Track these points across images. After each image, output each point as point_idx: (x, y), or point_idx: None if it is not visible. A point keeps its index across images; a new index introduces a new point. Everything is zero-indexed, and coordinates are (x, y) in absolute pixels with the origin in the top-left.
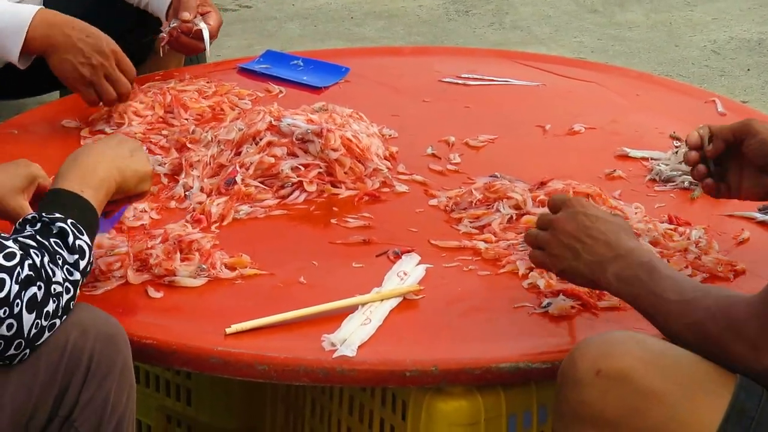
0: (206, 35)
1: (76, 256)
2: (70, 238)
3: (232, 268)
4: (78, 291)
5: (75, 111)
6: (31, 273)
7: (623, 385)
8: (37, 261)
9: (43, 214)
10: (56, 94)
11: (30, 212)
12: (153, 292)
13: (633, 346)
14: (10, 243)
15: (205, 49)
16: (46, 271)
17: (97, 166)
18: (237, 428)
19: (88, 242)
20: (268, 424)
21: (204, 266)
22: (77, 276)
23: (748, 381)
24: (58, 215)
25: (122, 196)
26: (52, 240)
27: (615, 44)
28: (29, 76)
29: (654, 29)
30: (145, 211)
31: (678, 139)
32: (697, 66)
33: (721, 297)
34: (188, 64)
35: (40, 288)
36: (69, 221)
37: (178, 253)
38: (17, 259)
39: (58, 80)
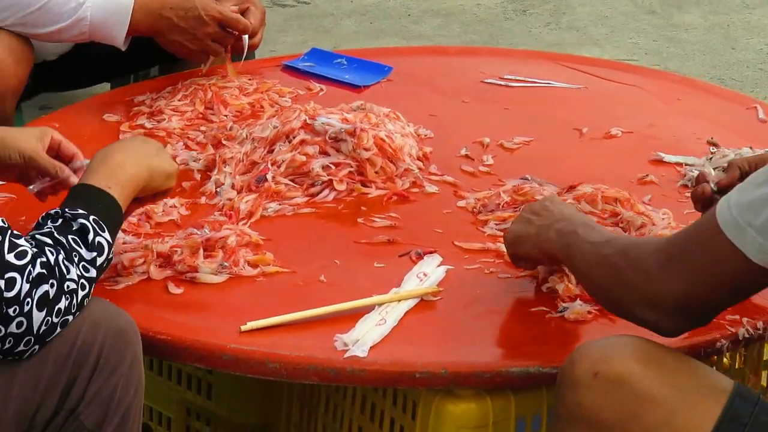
0: (246, 42)
1: (94, 254)
2: (90, 235)
3: (254, 265)
4: (92, 287)
5: (116, 106)
6: (43, 271)
7: (620, 389)
8: (51, 259)
9: (66, 209)
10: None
11: (41, 153)
12: (173, 288)
13: (632, 351)
14: (21, 241)
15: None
16: (59, 268)
17: (125, 163)
18: (254, 423)
19: (109, 239)
20: (283, 420)
21: (226, 263)
22: (93, 273)
23: (744, 388)
24: (80, 211)
25: (148, 194)
26: (70, 237)
27: (670, 46)
28: (82, 68)
29: (711, 31)
30: (175, 207)
31: (715, 144)
32: (751, 69)
33: (634, 238)
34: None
35: (52, 286)
36: (91, 218)
37: (202, 250)
38: (28, 258)
39: (110, 72)
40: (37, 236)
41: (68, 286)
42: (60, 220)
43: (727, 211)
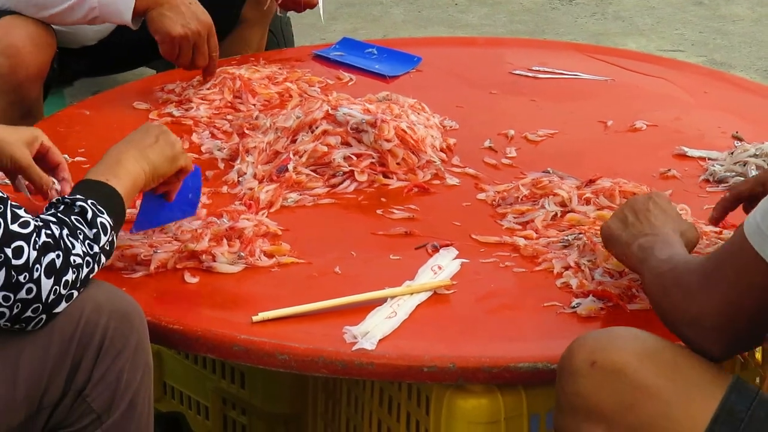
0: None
1: (96, 230)
2: (89, 215)
3: (270, 255)
4: (98, 267)
5: (146, 94)
6: (49, 240)
7: (617, 379)
8: (56, 232)
9: (65, 197)
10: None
11: (31, 163)
12: (189, 278)
13: (630, 342)
14: (22, 212)
15: (317, 4)
16: (65, 242)
17: (120, 159)
18: (286, 413)
19: (109, 221)
20: (310, 410)
21: (243, 253)
22: (97, 249)
23: (742, 383)
24: (78, 196)
25: (163, 180)
26: (72, 217)
27: (717, 37)
28: (122, 52)
29: (758, 23)
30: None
31: (740, 139)
32: None
33: (688, 256)
34: (270, 46)
35: (59, 256)
36: (89, 201)
37: (225, 240)
38: (32, 227)
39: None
40: (41, 216)
41: (74, 260)
42: (61, 206)
43: (753, 221)
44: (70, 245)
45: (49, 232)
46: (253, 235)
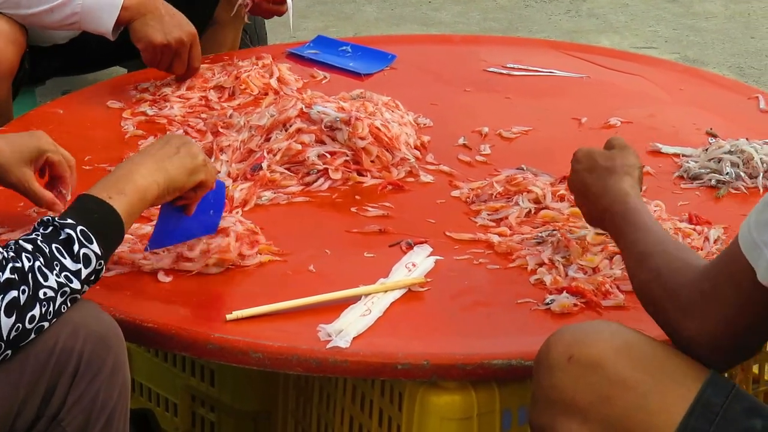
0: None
1: (80, 265)
2: (75, 246)
3: (258, 253)
4: (76, 297)
5: (119, 92)
6: (13, 276)
7: (594, 372)
8: (26, 265)
9: (56, 218)
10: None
11: (34, 183)
12: (162, 277)
13: (607, 335)
14: None
15: (286, 11)
16: (34, 275)
17: (133, 173)
18: (256, 410)
19: (96, 251)
20: (281, 408)
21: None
22: (76, 285)
23: (718, 377)
24: (69, 221)
25: (179, 194)
26: (54, 246)
27: (690, 34)
28: (93, 51)
29: (731, 20)
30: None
31: (714, 135)
32: None
33: (673, 259)
34: (244, 45)
35: (23, 292)
36: (78, 228)
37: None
38: None
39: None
40: (20, 241)
41: (44, 294)
42: (50, 228)
43: (747, 232)
44: (40, 278)
45: (17, 265)
46: (241, 234)
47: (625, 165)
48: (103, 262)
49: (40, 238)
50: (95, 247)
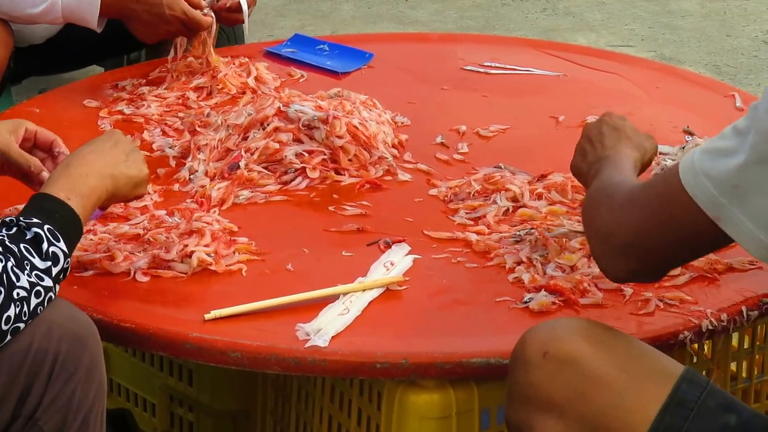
0: (245, 6)
1: (49, 263)
2: (44, 245)
3: (236, 252)
4: (50, 296)
5: (96, 91)
6: None
7: (570, 368)
8: None
9: (21, 218)
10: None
11: (17, 148)
12: (140, 276)
13: (582, 331)
14: None
15: (243, 21)
16: (8, 276)
17: (89, 174)
18: (234, 410)
19: (64, 249)
20: (259, 407)
21: (212, 255)
22: (48, 282)
23: (693, 373)
24: (35, 220)
25: (117, 202)
26: (22, 246)
27: (666, 32)
28: (70, 51)
29: (707, 18)
30: (148, 194)
31: (691, 133)
32: (746, 56)
33: (629, 179)
34: (221, 43)
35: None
36: (46, 227)
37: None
38: None
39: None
40: None
41: (18, 294)
42: (14, 229)
43: (689, 157)
44: (13, 278)
45: None
46: (216, 234)
47: (643, 144)
48: (69, 260)
49: (6, 239)
50: (62, 245)
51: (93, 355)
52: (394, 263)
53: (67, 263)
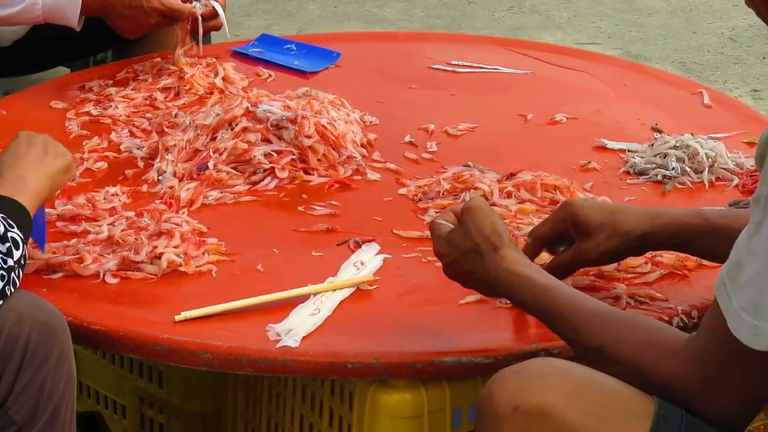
0: (221, 11)
1: (9, 244)
2: (1, 229)
3: (205, 253)
4: (14, 281)
5: (63, 92)
6: None
7: (543, 422)
8: None
9: None
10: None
11: None
12: (109, 278)
13: (553, 379)
14: None
15: (223, 25)
16: None
17: (26, 176)
18: (204, 411)
19: (20, 235)
20: (230, 408)
21: (182, 256)
22: (11, 263)
23: (667, 408)
24: None
25: (56, 192)
26: None
27: (632, 30)
28: (38, 52)
29: (673, 15)
30: (117, 195)
31: (659, 131)
32: (712, 53)
33: (630, 326)
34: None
35: None
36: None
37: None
38: None
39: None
40: None
41: None
42: None
43: (731, 305)
44: None
45: None
46: (186, 235)
47: (482, 233)
48: (26, 247)
49: None
50: (17, 231)
51: (63, 344)
52: (365, 263)
53: (25, 251)
